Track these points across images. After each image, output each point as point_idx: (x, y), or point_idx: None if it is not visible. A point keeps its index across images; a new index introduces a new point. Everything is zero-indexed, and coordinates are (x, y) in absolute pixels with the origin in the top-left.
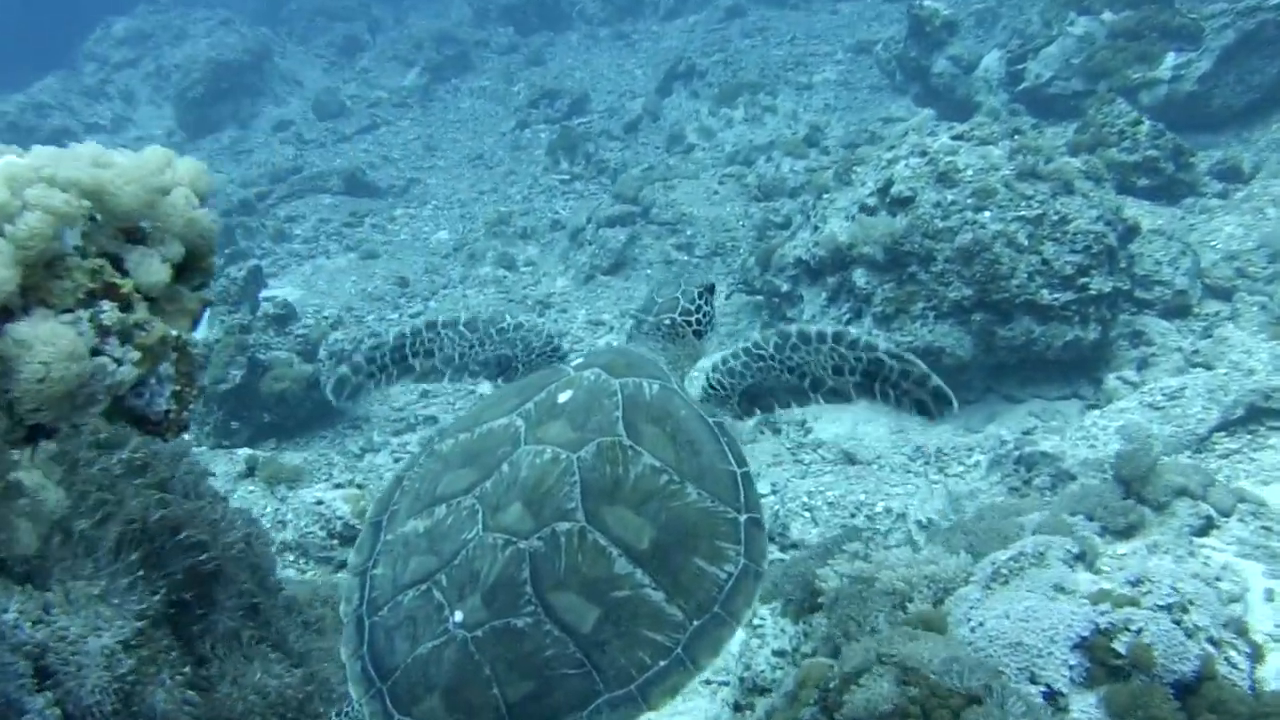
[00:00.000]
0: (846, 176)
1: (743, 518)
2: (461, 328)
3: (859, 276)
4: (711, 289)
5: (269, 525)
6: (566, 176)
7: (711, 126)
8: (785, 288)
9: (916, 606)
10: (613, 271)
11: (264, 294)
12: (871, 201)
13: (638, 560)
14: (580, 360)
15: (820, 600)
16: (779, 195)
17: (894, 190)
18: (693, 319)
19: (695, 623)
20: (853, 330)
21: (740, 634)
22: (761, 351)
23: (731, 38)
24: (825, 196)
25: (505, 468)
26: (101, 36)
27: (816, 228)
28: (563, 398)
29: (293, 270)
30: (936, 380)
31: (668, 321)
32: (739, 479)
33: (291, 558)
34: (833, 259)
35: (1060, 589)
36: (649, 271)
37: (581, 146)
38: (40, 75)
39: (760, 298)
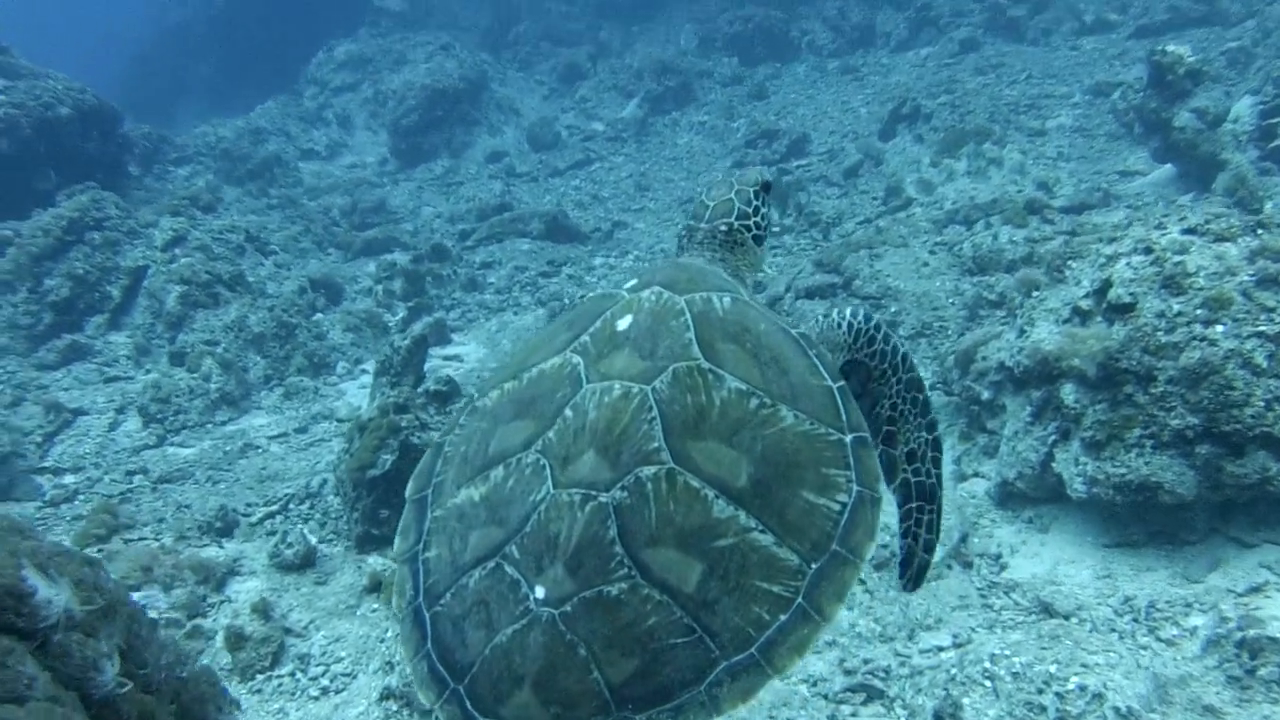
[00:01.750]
0: (1060, 272)
1: (848, 438)
2: None
3: (1067, 393)
4: (767, 186)
5: (379, 666)
6: (776, 229)
7: (932, 179)
8: (986, 395)
9: None
10: None
11: (443, 352)
12: (1086, 305)
13: (738, 500)
14: (635, 281)
15: None
16: (995, 269)
17: (1112, 294)
18: (750, 222)
19: (813, 565)
20: (924, 395)
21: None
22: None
23: (962, 74)
24: (1035, 295)
25: (569, 413)
26: (324, 60)
27: (1023, 331)
28: (622, 324)
29: (479, 325)
30: (928, 558)
31: (724, 228)
32: (836, 394)
33: (394, 707)
34: (1039, 370)
35: None
36: None
37: (793, 197)
38: (265, 98)
39: (957, 399)
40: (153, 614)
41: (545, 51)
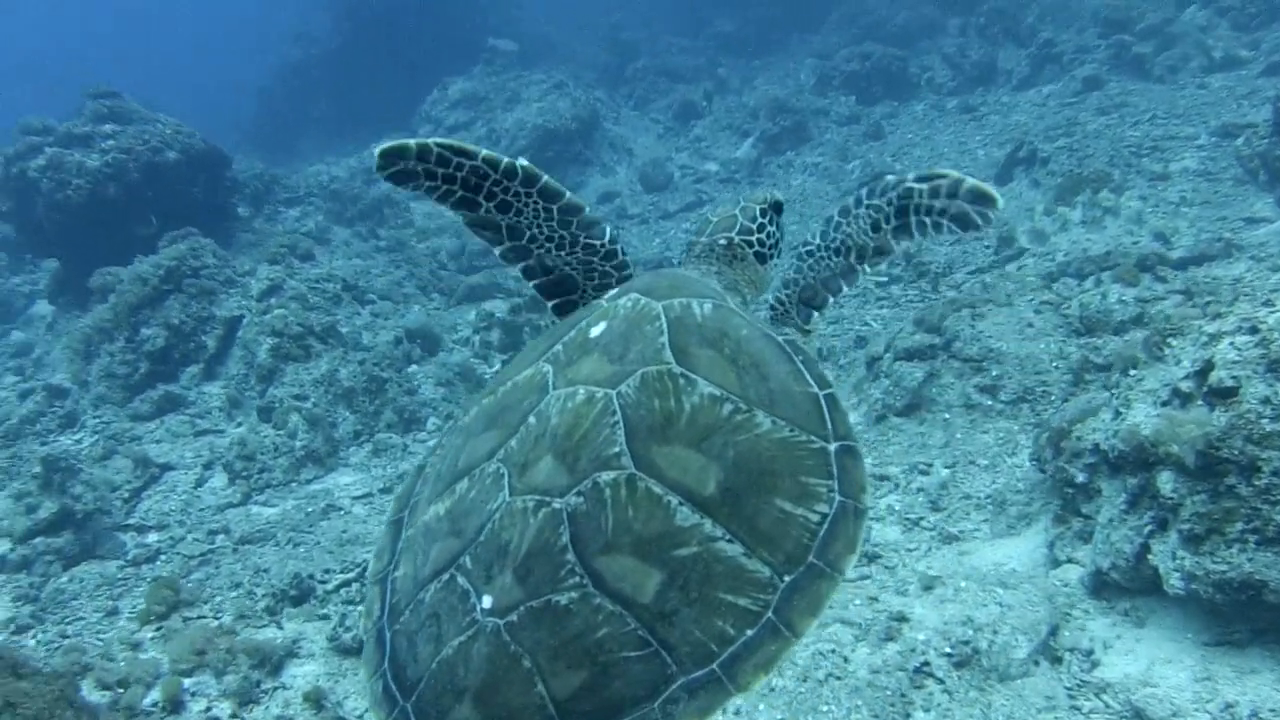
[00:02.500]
0: (1159, 350)
1: (833, 446)
2: (559, 213)
3: (1164, 481)
4: (778, 207)
5: None
6: (884, 279)
7: (1045, 228)
8: (1080, 478)
9: None
10: (906, 413)
11: None
12: (1186, 387)
13: (704, 508)
14: (616, 290)
15: None
16: (1103, 330)
17: (1213, 377)
18: (753, 238)
19: (786, 578)
20: (888, 176)
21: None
22: (809, 247)
23: (1084, 114)
24: (1132, 374)
25: (532, 420)
26: (438, 98)
27: (1119, 413)
28: (595, 331)
29: None
30: (971, 181)
31: (723, 241)
32: (822, 401)
33: None
34: (1134, 456)
35: None
36: (946, 416)
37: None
38: (379, 137)
39: (1050, 479)
40: (202, 702)
41: (662, 88)
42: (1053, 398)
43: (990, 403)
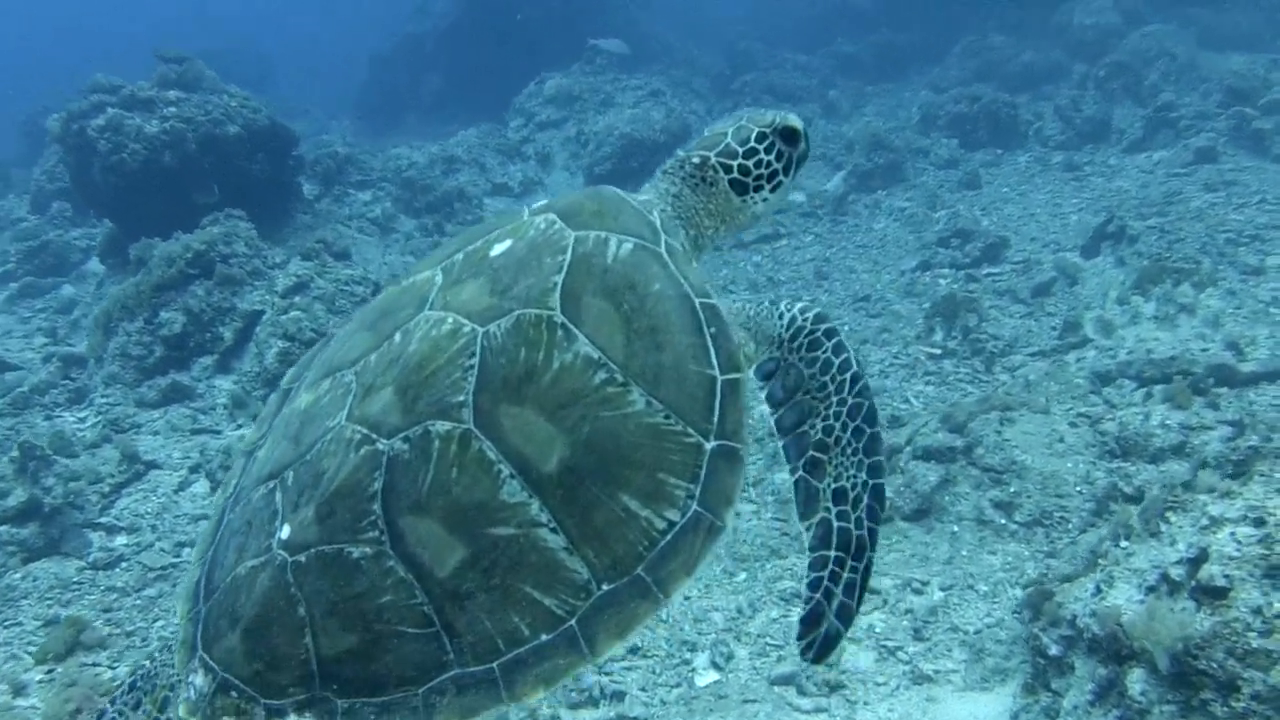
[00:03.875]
0: (1156, 524)
1: (710, 444)
2: None
3: (1135, 681)
4: (788, 134)
5: None
6: (937, 351)
7: (1113, 319)
8: (1054, 650)
9: None
10: (914, 519)
11: None
12: (1176, 574)
13: (536, 486)
14: (544, 202)
15: None
16: (1139, 456)
17: (1205, 572)
18: (735, 163)
19: (605, 587)
20: (873, 431)
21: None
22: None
23: (1190, 188)
24: (1123, 545)
25: (398, 337)
26: (533, 92)
27: (1100, 588)
28: (498, 249)
29: None
30: (841, 627)
31: (696, 159)
32: (719, 389)
33: None
34: (1109, 643)
35: None
36: (955, 529)
37: (962, 316)
38: (475, 123)
39: (1024, 642)
40: None
41: (766, 105)
42: (1070, 525)
43: (1004, 521)
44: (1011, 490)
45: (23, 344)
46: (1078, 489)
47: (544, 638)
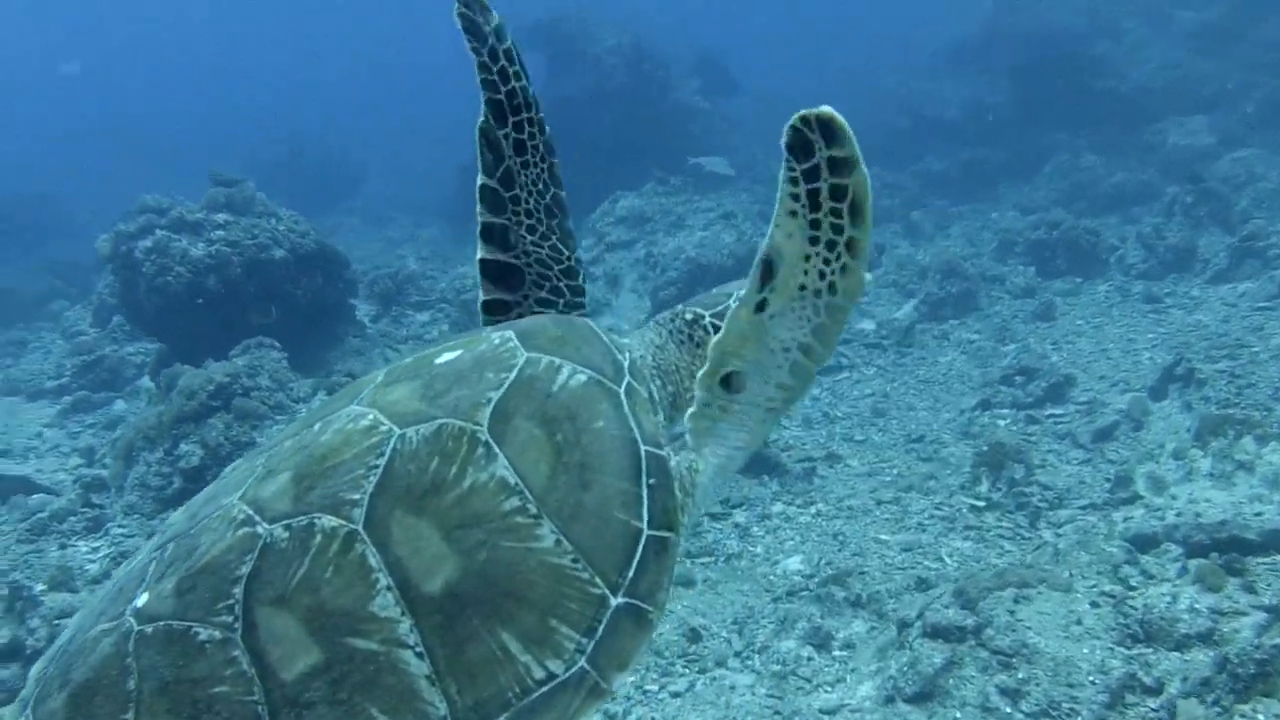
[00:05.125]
0: None
1: (616, 600)
2: (552, 198)
3: None
4: None
5: None
6: (981, 503)
7: (1165, 475)
8: None
9: None
10: (915, 701)
11: None
12: None
13: (413, 604)
14: (508, 322)
15: None
16: (1162, 643)
17: None
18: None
19: None
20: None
21: None
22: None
23: (1272, 325)
24: None
25: (317, 426)
26: (606, 211)
27: None
28: (445, 357)
29: None
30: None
31: (689, 316)
32: (643, 543)
33: None
34: None
35: None
36: (958, 715)
37: (1009, 467)
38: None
39: None
40: None
41: None
42: (1079, 718)
43: (1009, 710)
44: (1020, 676)
45: (57, 465)
46: (1091, 678)
47: None
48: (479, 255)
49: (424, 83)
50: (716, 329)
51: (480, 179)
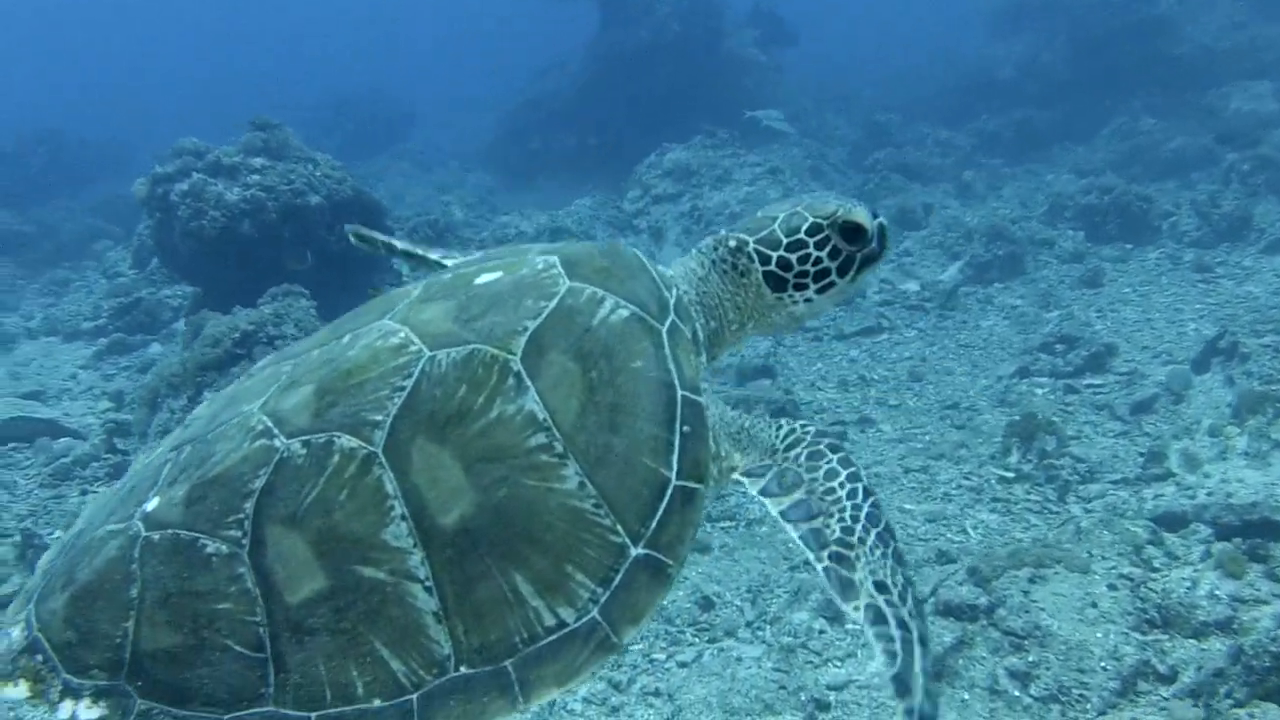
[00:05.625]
0: None
1: (636, 551)
2: None
3: None
4: (850, 231)
5: None
6: (1010, 474)
7: (1199, 453)
8: None
9: None
10: None
11: None
12: None
13: (426, 536)
14: (562, 244)
15: None
16: (1179, 629)
17: None
18: (775, 254)
19: (463, 669)
20: (895, 543)
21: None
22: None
23: None
24: None
25: (347, 339)
26: (654, 163)
27: None
28: (484, 278)
29: None
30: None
31: (732, 243)
32: (669, 493)
33: None
34: None
35: None
36: (966, 696)
37: (1040, 438)
38: (597, 189)
39: None
40: None
41: (894, 185)
42: (1089, 704)
43: (1018, 693)
44: (1031, 659)
45: (86, 408)
46: (1103, 664)
47: (376, 704)
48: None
49: (480, 29)
50: (760, 255)
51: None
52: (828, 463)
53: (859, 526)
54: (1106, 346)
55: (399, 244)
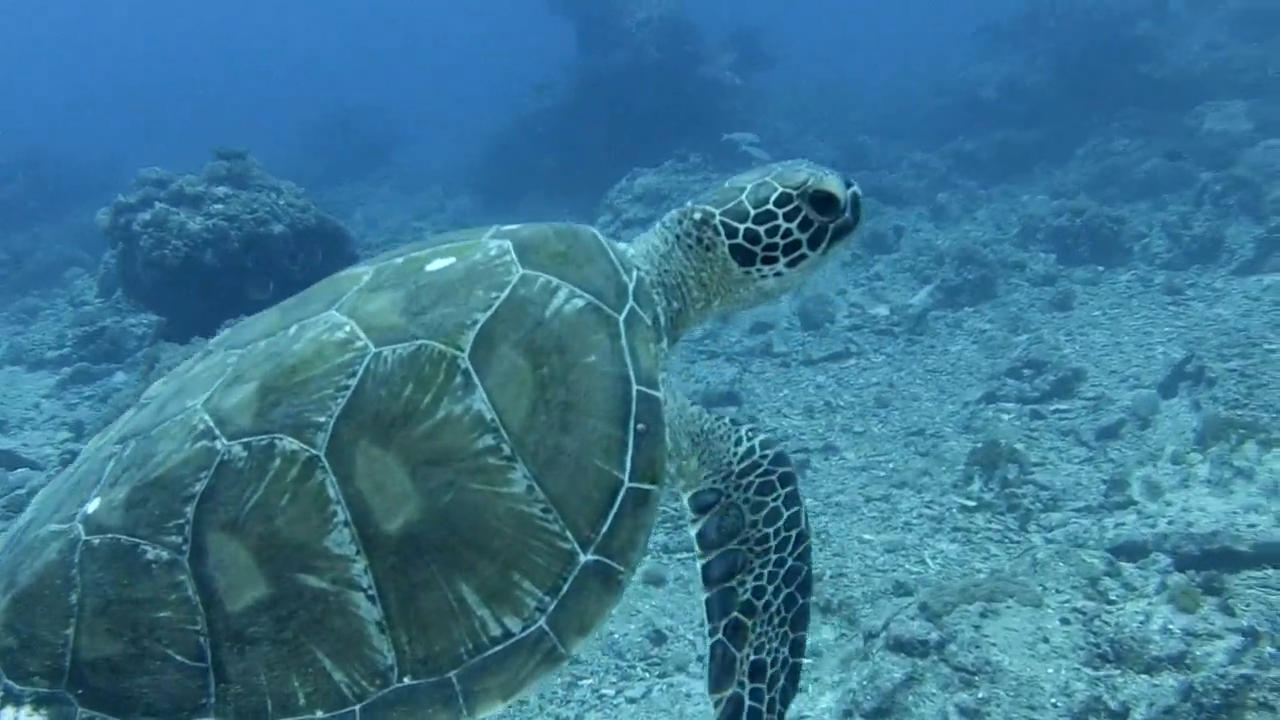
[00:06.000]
0: None
1: (586, 557)
2: None
3: None
4: (820, 200)
5: None
6: (972, 503)
7: (1162, 481)
8: None
9: None
10: (873, 717)
11: None
12: None
13: (369, 543)
14: (515, 227)
15: None
16: (1131, 664)
17: None
18: (741, 226)
19: (406, 680)
20: (804, 602)
21: None
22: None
23: None
24: None
25: (293, 330)
26: (625, 188)
27: None
28: (436, 264)
29: None
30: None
31: (697, 215)
32: (621, 496)
33: None
34: None
35: None
36: None
37: (1003, 466)
38: (571, 213)
39: None
40: None
41: (869, 209)
42: None
43: None
44: (980, 695)
45: (45, 439)
46: (1053, 700)
47: (318, 715)
48: None
49: (464, 48)
50: (726, 228)
51: None
52: (774, 499)
53: (772, 587)
54: (1074, 371)
55: None
